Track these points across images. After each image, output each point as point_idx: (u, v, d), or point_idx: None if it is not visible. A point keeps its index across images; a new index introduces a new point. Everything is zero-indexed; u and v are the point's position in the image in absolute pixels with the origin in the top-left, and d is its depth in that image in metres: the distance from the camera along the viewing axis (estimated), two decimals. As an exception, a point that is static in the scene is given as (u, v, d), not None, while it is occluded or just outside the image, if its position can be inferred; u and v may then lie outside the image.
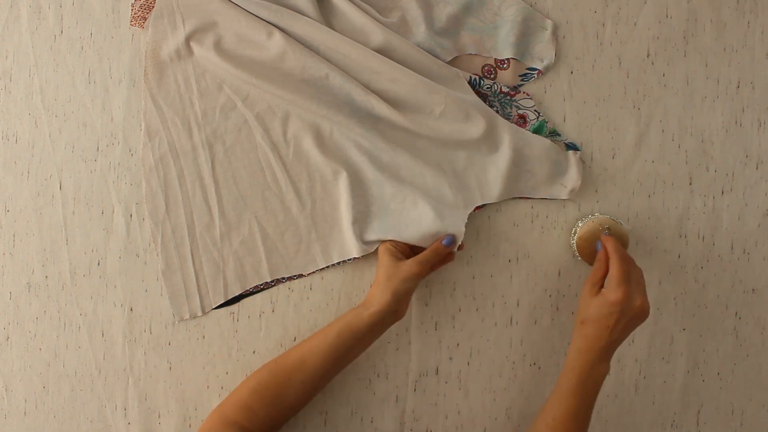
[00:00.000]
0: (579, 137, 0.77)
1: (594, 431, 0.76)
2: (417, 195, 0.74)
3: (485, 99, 0.77)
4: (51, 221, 0.77)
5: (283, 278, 0.76)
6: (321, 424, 0.76)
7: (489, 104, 0.77)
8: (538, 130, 0.76)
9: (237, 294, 0.76)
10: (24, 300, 0.77)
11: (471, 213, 0.75)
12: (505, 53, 0.77)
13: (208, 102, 0.76)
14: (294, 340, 0.76)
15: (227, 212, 0.76)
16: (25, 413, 0.77)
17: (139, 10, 0.76)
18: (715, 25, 0.78)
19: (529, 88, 0.78)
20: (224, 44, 0.75)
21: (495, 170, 0.76)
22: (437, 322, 0.77)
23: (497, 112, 0.77)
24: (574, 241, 0.75)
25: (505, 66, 0.78)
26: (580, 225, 0.75)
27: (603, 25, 0.78)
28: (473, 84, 0.77)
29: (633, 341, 0.77)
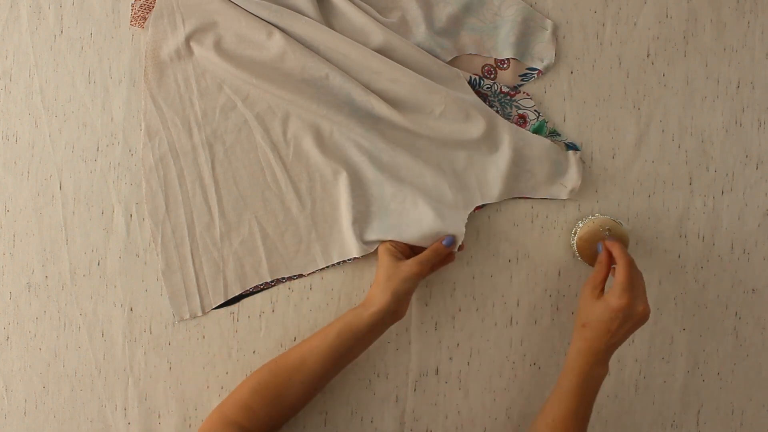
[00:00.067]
0: (579, 137, 0.77)
1: (594, 431, 0.76)
2: (417, 195, 0.74)
3: (485, 99, 0.77)
4: (51, 221, 0.77)
5: (283, 278, 0.76)
6: (321, 424, 0.76)
7: (489, 104, 0.77)
8: (538, 130, 0.76)
9: (237, 294, 0.76)
10: (24, 300, 0.77)
11: (471, 213, 0.75)
12: (505, 53, 0.77)
13: (208, 102, 0.76)
14: (294, 340, 0.76)
15: (227, 212, 0.76)
16: (25, 413, 0.77)
17: (139, 10, 0.76)
18: (715, 25, 0.78)
19: (529, 88, 0.78)
20: (224, 44, 0.75)
21: (495, 170, 0.76)
22: (437, 322, 0.77)
23: (497, 112, 0.77)
24: (574, 241, 0.75)
25: (505, 66, 0.78)
26: (580, 225, 0.75)
27: (603, 25, 0.78)
28: (473, 84, 0.77)
29: (633, 341, 0.77)
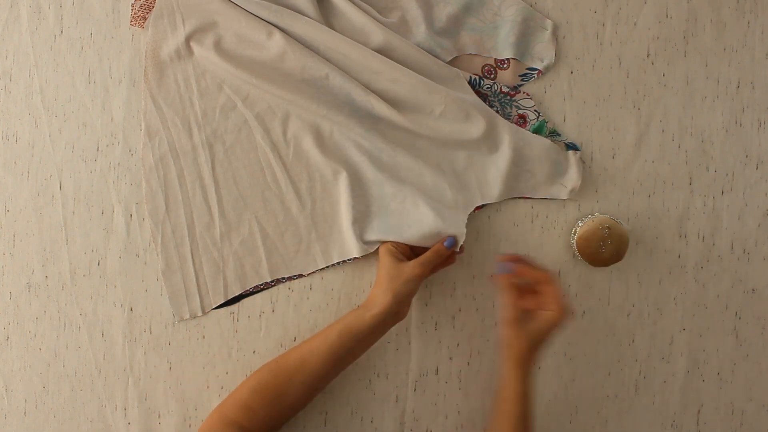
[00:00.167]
0: (579, 137, 0.77)
1: (594, 431, 0.76)
2: (417, 195, 0.74)
3: (485, 99, 0.77)
4: (51, 221, 0.77)
5: (283, 278, 0.76)
6: (321, 424, 0.76)
7: (489, 104, 0.77)
8: (538, 130, 0.76)
9: (237, 294, 0.76)
10: (24, 300, 0.77)
11: (471, 213, 0.75)
12: (505, 53, 0.77)
13: (208, 102, 0.76)
14: (294, 340, 0.76)
15: (227, 212, 0.76)
16: (25, 413, 0.77)
17: (139, 10, 0.76)
18: (715, 25, 0.78)
19: (529, 88, 0.78)
20: (224, 44, 0.75)
21: (495, 170, 0.76)
22: (437, 322, 0.77)
23: (497, 112, 0.77)
24: (574, 241, 0.75)
25: (505, 66, 0.78)
26: (580, 225, 0.75)
27: (603, 25, 0.78)
28: (473, 84, 0.77)
29: (633, 341, 0.77)
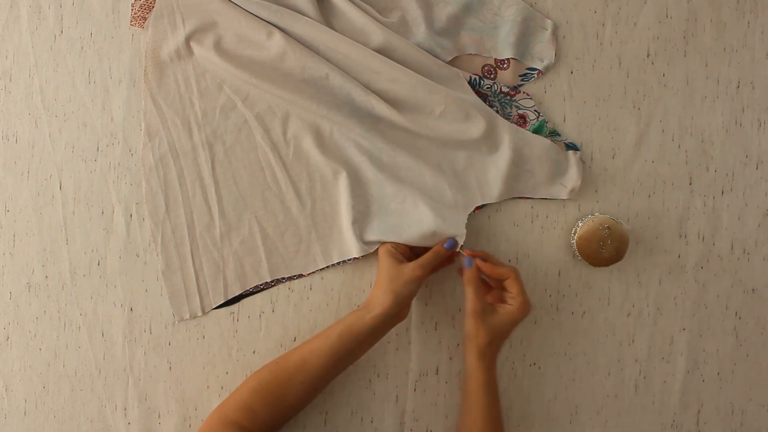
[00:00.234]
0: (579, 137, 0.77)
1: (594, 431, 0.76)
2: (417, 195, 0.74)
3: (485, 99, 0.77)
4: (51, 221, 0.77)
5: (283, 278, 0.76)
6: (321, 424, 0.76)
7: (489, 104, 0.77)
8: (538, 130, 0.76)
9: (237, 294, 0.76)
10: (24, 300, 0.77)
11: (471, 213, 0.75)
12: (505, 53, 0.77)
13: (208, 102, 0.76)
14: (294, 340, 0.76)
15: (227, 212, 0.76)
16: (25, 413, 0.77)
17: (139, 10, 0.76)
18: (715, 25, 0.78)
19: (529, 88, 0.78)
20: (224, 44, 0.75)
21: (495, 170, 0.76)
22: (437, 322, 0.77)
23: (497, 112, 0.77)
24: (574, 241, 0.75)
25: (505, 66, 0.78)
26: (580, 225, 0.75)
27: (603, 25, 0.78)
28: (473, 84, 0.77)
29: (633, 341, 0.77)
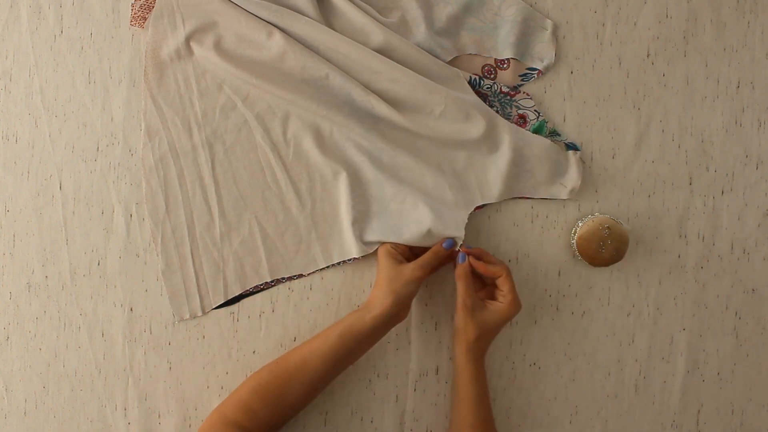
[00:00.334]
0: (579, 137, 0.77)
1: (594, 431, 0.77)
2: (417, 195, 0.74)
3: (485, 99, 0.77)
4: (51, 221, 0.77)
5: (283, 278, 0.76)
6: (321, 424, 0.76)
7: (489, 104, 0.77)
8: (538, 130, 0.76)
9: (237, 294, 0.76)
10: (24, 300, 0.77)
11: (471, 213, 0.75)
12: (505, 53, 0.77)
13: (208, 102, 0.76)
14: (294, 340, 0.76)
15: (227, 212, 0.76)
16: (25, 413, 0.77)
17: (139, 10, 0.76)
18: (715, 25, 0.78)
19: (529, 88, 0.78)
20: (224, 44, 0.75)
21: (495, 170, 0.76)
22: (437, 322, 0.77)
23: (497, 112, 0.77)
24: (574, 241, 0.75)
25: (505, 66, 0.78)
26: (580, 225, 0.75)
27: (603, 25, 0.78)
28: (473, 84, 0.77)
29: (633, 341, 0.77)
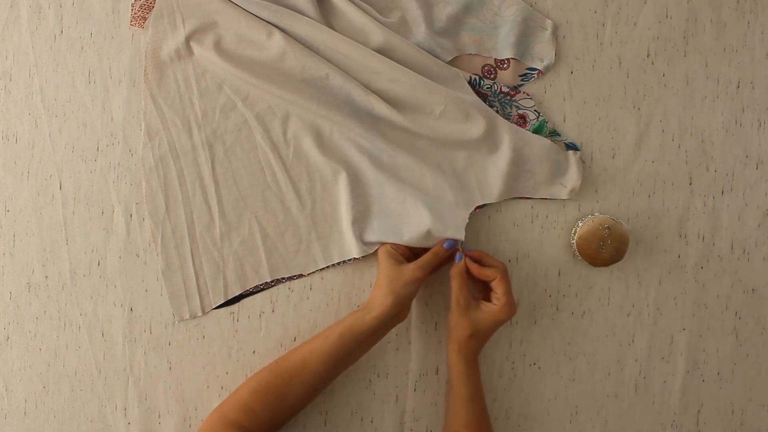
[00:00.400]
0: (579, 137, 0.77)
1: (594, 431, 0.77)
2: (417, 195, 0.74)
3: (485, 99, 0.77)
4: (51, 221, 0.77)
5: (283, 278, 0.76)
6: (321, 424, 0.76)
7: (489, 104, 0.77)
8: (538, 130, 0.76)
9: (237, 294, 0.76)
10: (24, 300, 0.77)
11: (471, 213, 0.75)
12: (505, 53, 0.77)
13: (208, 102, 0.76)
14: (294, 341, 0.76)
15: (227, 212, 0.76)
16: (25, 413, 0.77)
17: (139, 10, 0.76)
18: (715, 25, 0.78)
19: (529, 88, 0.78)
20: (224, 44, 0.75)
21: (495, 170, 0.76)
22: (437, 322, 0.77)
23: (497, 112, 0.77)
24: (574, 241, 0.75)
25: (505, 66, 0.78)
26: (580, 225, 0.75)
27: (603, 25, 0.78)
28: (473, 84, 0.77)
29: (633, 341, 0.77)
